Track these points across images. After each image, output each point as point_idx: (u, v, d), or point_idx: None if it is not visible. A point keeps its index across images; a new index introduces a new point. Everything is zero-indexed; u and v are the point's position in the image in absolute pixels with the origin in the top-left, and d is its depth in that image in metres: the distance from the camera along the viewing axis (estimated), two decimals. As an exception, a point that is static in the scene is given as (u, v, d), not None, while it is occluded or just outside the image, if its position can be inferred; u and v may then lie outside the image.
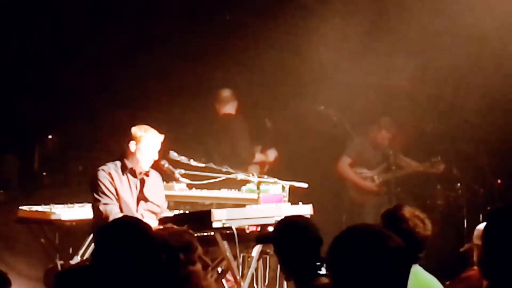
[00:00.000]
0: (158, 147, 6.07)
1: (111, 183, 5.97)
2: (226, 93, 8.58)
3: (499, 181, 8.81)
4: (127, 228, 3.41)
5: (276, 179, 6.38)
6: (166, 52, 9.49)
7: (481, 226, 4.63)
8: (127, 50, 9.55)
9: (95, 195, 5.95)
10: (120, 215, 5.81)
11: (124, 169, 6.05)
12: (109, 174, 5.99)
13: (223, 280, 6.29)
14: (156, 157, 6.09)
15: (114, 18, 9.43)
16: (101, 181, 5.95)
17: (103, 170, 6.00)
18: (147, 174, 6.14)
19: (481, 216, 8.09)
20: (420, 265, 4.34)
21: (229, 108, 8.55)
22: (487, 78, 8.68)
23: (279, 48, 9.09)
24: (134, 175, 6.08)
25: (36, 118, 9.68)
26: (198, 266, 3.97)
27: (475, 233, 4.65)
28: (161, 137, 6.07)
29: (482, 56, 8.63)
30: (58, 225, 6.42)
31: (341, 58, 8.92)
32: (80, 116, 9.68)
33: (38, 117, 9.69)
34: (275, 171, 8.21)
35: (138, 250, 3.31)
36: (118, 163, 6.07)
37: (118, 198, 5.98)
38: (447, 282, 4.79)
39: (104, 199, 5.92)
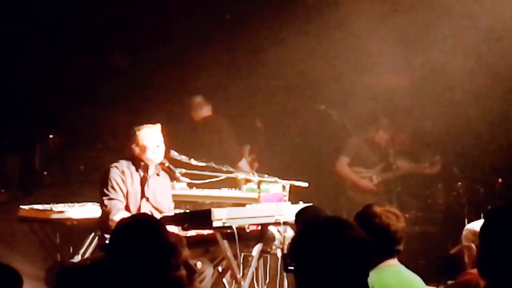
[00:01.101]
0: (159, 137, 6.11)
1: (123, 180, 6.01)
2: (198, 99, 8.74)
3: (500, 180, 8.80)
4: (145, 227, 3.39)
5: (276, 178, 6.39)
6: (166, 52, 9.50)
7: (469, 226, 4.62)
8: (128, 50, 9.56)
9: (104, 190, 5.99)
10: (123, 211, 5.88)
11: (137, 166, 6.09)
12: (122, 172, 6.03)
13: (224, 280, 6.30)
14: (162, 147, 6.11)
15: (115, 18, 9.44)
16: (112, 177, 5.99)
17: (116, 167, 6.05)
18: (158, 173, 6.17)
19: (482, 215, 8.06)
20: (420, 264, 4.34)
21: (205, 111, 8.67)
22: (489, 77, 8.68)
23: (280, 48, 9.08)
24: (147, 171, 6.11)
25: (37, 117, 9.69)
26: (182, 272, 3.88)
27: (464, 233, 4.63)
28: (157, 127, 6.12)
29: (485, 55, 8.63)
30: (59, 224, 6.44)
31: (344, 58, 8.92)
32: (81, 115, 9.68)
33: (40, 117, 9.70)
34: (276, 170, 8.21)
35: (153, 250, 3.30)
36: (130, 161, 6.11)
37: (128, 196, 6.02)
38: (441, 287, 4.79)
39: (111, 194, 5.96)
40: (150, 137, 6.08)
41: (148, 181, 6.12)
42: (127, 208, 6.00)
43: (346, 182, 8.86)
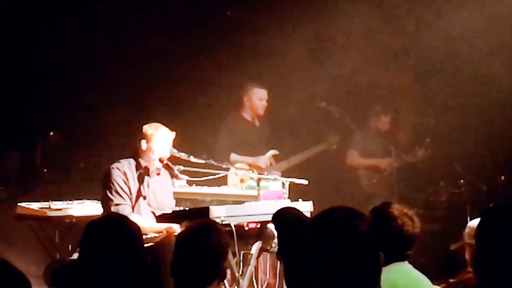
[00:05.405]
0: (170, 144, 6.06)
1: (125, 182, 5.96)
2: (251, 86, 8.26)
3: (502, 177, 8.78)
4: (112, 227, 3.41)
5: (276, 176, 6.36)
6: (168, 49, 9.48)
7: (472, 223, 4.60)
8: (129, 48, 9.54)
9: (108, 194, 5.94)
10: (132, 214, 5.81)
11: (138, 167, 6.04)
12: (124, 173, 5.97)
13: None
14: (168, 154, 6.06)
15: (116, 16, 9.42)
16: (115, 180, 5.94)
17: (117, 168, 5.99)
18: (158, 173, 6.12)
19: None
20: (422, 262, 4.31)
21: (257, 102, 8.26)
22: (491, 75, 8.66)
23: (279, 45, 9.05)
24: (147, 173, 6.06)
25: (38, 114, 9.67)
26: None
27: (466, 230, 4.61)
28: (172, 134, 6.07)
29: (487, 53, 8.61)
30: (57, 222, 6.41)
31: (344, 55, 8.89)
32: (81, 112, 9.67)
33: (40, 114, 9.68)
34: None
35: (120, 249, 3.31)
36: (132, 161, 6.07)
37: (131, 197, 5.98)
38: (443, 285, 4.76)
39: (116, 199, 5.92)
40: (163, 143, 6.02)
41: (148, 181, 6.08)
42: (132, 210, 5.98)
43: (358, 172, 8.81)
